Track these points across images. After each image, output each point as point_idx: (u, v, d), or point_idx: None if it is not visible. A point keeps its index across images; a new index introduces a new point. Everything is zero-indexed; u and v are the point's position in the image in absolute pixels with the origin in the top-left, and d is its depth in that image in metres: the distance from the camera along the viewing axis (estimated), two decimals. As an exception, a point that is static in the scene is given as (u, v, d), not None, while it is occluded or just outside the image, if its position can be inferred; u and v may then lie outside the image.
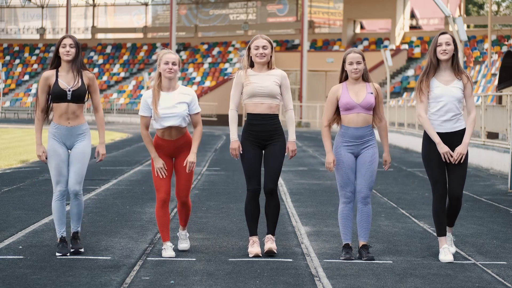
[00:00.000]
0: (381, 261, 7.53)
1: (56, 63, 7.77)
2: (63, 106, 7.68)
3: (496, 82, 27.49)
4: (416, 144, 26.67)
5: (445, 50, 7.60)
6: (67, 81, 7.70)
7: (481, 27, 60.45)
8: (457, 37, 24.91)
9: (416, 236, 9.04)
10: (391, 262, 7.53)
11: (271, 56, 7.80)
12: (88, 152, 7.78)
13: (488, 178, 16.47)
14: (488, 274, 7.09)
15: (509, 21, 62.23)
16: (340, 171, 7.72)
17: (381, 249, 8.17)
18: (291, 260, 7.56)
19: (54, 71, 7.74)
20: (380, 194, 13.04)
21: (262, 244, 7.91)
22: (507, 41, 54.85)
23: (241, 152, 7.79)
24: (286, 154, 7.86)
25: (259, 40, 7.78)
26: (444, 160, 7.63)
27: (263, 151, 7.85)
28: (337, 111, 7.79)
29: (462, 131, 7.67)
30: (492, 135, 20.57)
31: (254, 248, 7.75)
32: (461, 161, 7.59)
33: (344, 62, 7.71)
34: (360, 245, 7.70)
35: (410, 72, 55.37)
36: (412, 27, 63.59)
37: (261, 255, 7.71)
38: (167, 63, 7.62)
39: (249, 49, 7.83)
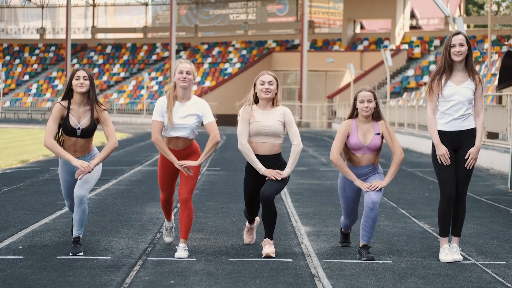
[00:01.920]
0: (381, 261, 7.54)
1: (69, 95, 7.77)
2: (72, 140, 7.77)
3: (496, 82, 27.47)
4: (416, 144, 26.67)
5: (459, 51, 7.52)
6: (77, 116, 7.71)
7: (481, 27, 60.49)
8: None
9: (416, 236, 9.04)
10: (391, 262, 7.53)
11: (276, 93, 7.83)
12: (98, 166, 7.83)
13: (488, 178, 16.47)
14: (488, 274, 7.09)
15: (509, 21, 62.28)
16: (343, 203, 8.05)
17: (381, 249, 8.17)
18: (291, 260, 7.56)
19: (66, 103, 7.73)
20: (380, 194, 13.03)
21: (260, 248, 7.90)
22: (507, 41, 54.88)
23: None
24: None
25: (265, 75, 7.81)
26: (440, 163, 7.62)
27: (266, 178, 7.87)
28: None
29: (470, 131, 7.65)
30: (492, 135, 20.56)
31: (246, 236, 8.37)
32: (472, 167, 7.60)
33: (355, 100, 7.76)
34: (361, 245, 7.71)
35: (410, 72, 55.39)
36: (412, 27, 63.63)
37: (248, 242, 8.31)
38: (181, 72, 7.68)
39: (254, 85, 7.86)
